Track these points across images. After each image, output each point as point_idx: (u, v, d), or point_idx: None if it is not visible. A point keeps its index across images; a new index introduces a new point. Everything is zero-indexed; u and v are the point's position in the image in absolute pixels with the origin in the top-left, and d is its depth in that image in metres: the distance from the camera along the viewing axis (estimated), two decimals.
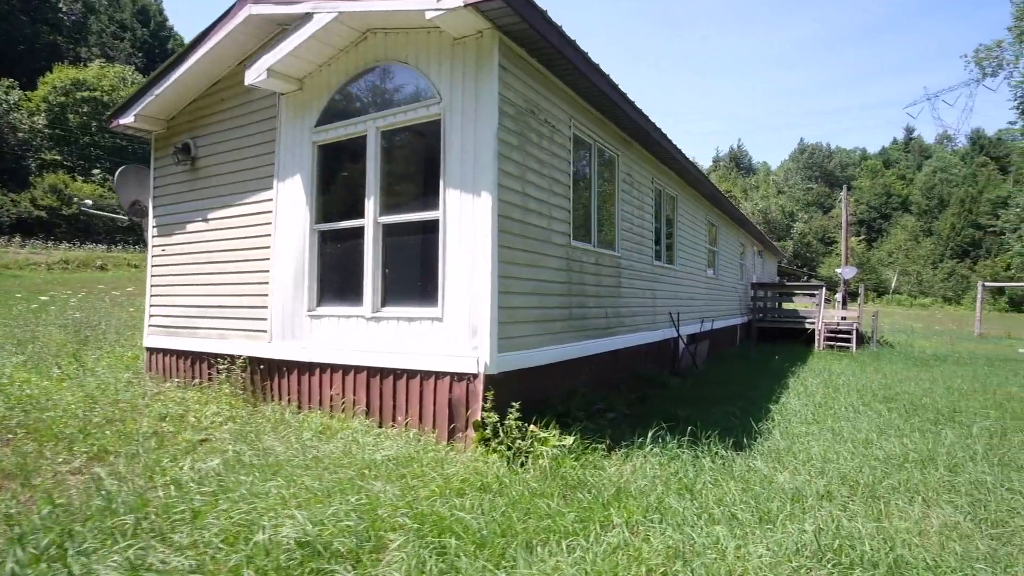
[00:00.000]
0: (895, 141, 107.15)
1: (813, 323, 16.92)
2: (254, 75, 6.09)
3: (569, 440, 4.75)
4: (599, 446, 4.74)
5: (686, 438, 4.79)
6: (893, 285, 46.31)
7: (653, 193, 9.44)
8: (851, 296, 27.42)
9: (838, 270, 25.52)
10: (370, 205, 5.69)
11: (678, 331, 10.03)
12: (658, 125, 7.92)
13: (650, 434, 4.77)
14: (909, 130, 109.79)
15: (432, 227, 5.30)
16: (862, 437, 5.25)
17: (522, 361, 5.33)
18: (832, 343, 16.35)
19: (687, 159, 9.75)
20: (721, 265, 14.97)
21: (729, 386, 8.49)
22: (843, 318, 16.98)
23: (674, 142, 8.83)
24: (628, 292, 8.19)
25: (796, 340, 17.29)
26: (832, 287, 27.27)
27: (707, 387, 8.35)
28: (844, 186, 25.13)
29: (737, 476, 3.97)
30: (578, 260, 6.62)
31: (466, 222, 5.07)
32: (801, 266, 50.38)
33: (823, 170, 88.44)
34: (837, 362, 12.86)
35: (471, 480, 3.82)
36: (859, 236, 61.30)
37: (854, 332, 16.15)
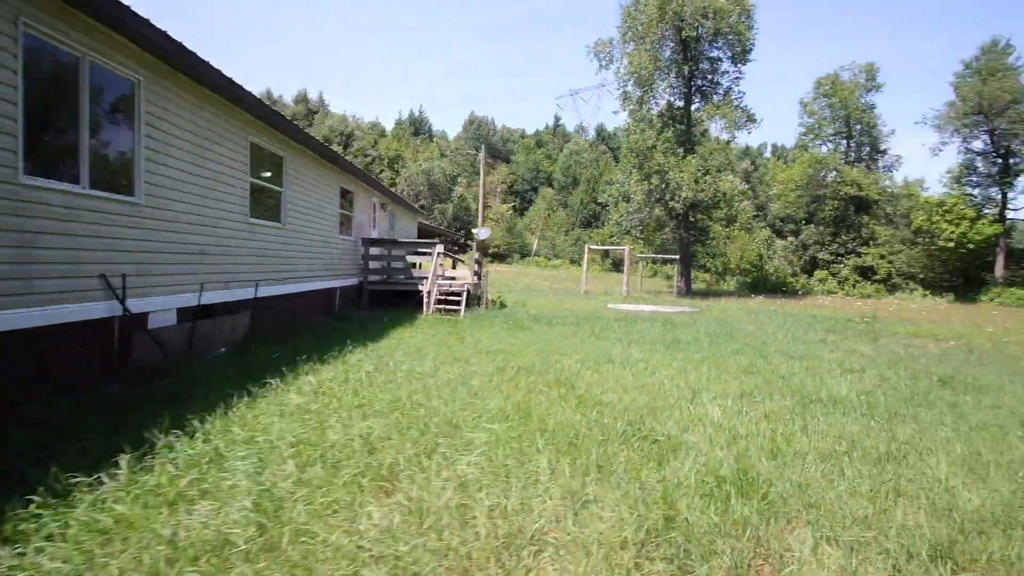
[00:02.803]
0: (547, 125, 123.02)
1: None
2: None
3: None
4: None
5: None
6: (534, 248, 51.67)
7: (57, 67, 5.04)
8: (488, 257, 27.79)
9: (475, 231, 25.23)
10: None
11: (123, 303, 5.96)
12: None
13: None
14: (557, 117, 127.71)
15: None
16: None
17: None
18: (443, 307, 14.70)
19: (162, 32, 5.67)
20: (302, 213, 11.46)
21: (172, 405, 4.87)
22: (453, 279, 15.56)
23: None
24: None
25: (410, 303, 15.23)
26: (477, 247, 27.22)
27: (118, 414, 4.56)
28: (483, 145, 24.97)
29: None
30: None
31: None
32: (459, 228, 52.24)
33: (488, 142, 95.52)
34: (426, 331, 10.79)
35: None
36: (512, 204, 67.52)
37: (464, 295, 14.78)
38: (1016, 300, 30.79)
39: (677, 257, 31.46)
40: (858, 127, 42.12)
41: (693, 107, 33.67)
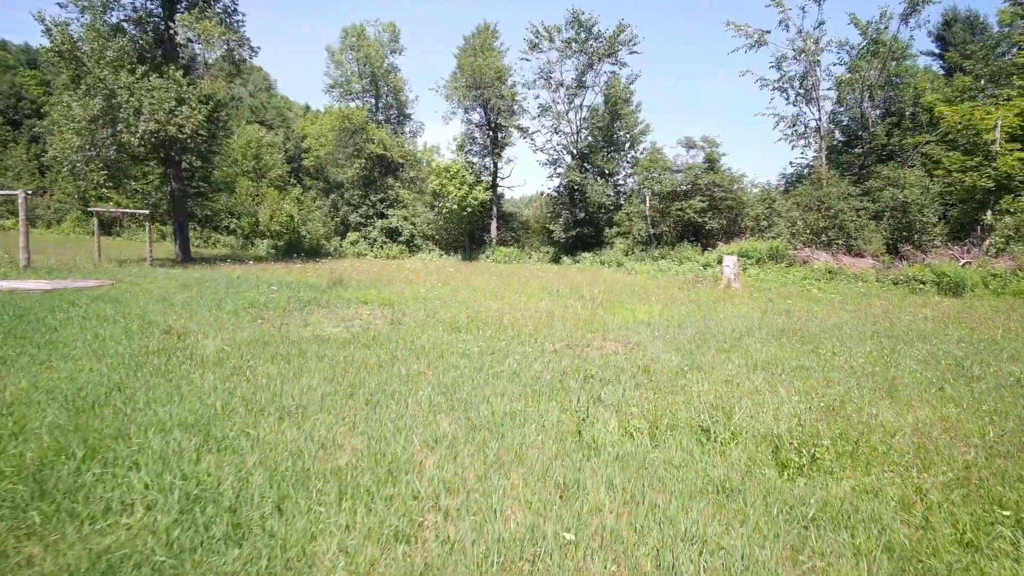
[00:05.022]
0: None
1: None
2: None
3: None
4: None
5: None
6: None
7: None
8: None
9: None
10: None
11: None
12: None
13: None
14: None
15: None
16: None
17: None
18: None
19: None
20: None
21: None
22: None
23: None
24: None
25: None
26: None
27: None
28: None
29: None
30: None
31: None
32: None
33: None
34: None
35: None
36: None
37: None
38: (503, 257, 34.79)
39: (147, 212, 23.68)
40: (385, 88, 41.71)
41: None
